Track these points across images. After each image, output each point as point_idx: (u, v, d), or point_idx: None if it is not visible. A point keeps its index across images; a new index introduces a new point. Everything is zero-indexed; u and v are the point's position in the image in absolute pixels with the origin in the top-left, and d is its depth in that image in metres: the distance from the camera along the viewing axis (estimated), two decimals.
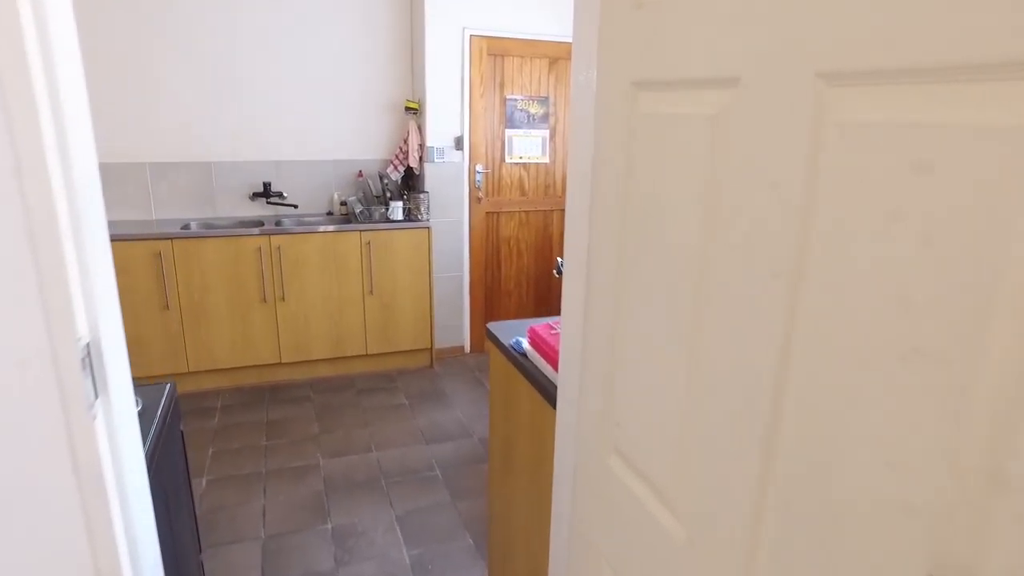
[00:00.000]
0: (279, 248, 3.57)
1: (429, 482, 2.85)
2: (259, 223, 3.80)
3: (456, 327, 4.25)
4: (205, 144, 3.86)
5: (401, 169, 4.03)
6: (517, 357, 1.66)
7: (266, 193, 3.94)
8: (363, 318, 3.84)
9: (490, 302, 4.32)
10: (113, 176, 3.75)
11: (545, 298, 4.45)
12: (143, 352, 3.50)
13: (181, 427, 1.80)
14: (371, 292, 3.80)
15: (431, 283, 3.91)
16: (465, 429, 3.32)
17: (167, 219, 3.86)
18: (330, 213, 4.11)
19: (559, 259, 1.84)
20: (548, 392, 1.43)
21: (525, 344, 1.64)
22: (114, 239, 3.32)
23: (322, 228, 3.63)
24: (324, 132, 4.06)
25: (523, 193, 4.21)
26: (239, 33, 3.78)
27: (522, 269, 4.33)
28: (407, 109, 3.97)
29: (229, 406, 3.54)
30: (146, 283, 3.41)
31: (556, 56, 4.06)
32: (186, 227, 3.68)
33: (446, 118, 3.92)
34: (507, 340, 1.76)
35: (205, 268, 3.48)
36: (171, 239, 3.40)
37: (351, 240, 3.69)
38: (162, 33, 3.65)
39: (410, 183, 4.05)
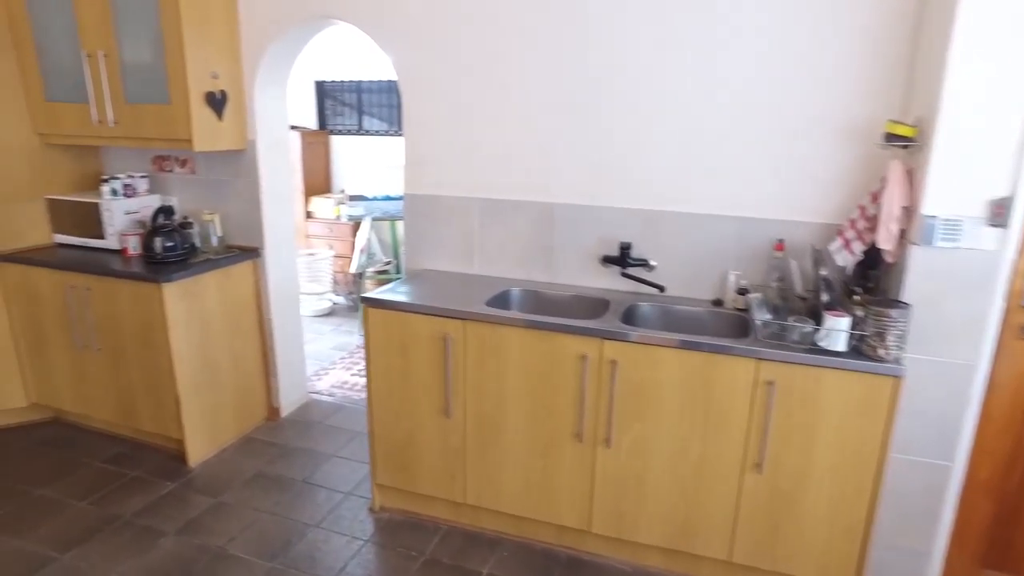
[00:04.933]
0: (614, 363, 2.15)
1: None
2: (603, 304, 2.45)
3: (915, 555, 2.22)
4: (548, 178, 2.67)
5: (858, 249, 2.18)
6: None
7: (622, 260, 2.57)
8: (735, 503, 2.17)
9: (1002, 526, 2.16)
10: (436, 212, 2.85)
11: None
12: (414, 464, 2.49)
13: None
14: (758, 465, 2.10)
15: (880, 470, 2.01)
16: None
17: (490, 276, 2.80)
18: (718, 303, 2.51)
19: None
20: None
21: None
22: (391, 307, 2.35)
23: (679, 343, 2.07)
24: (721, 171, 2.46)
25: None
26: (610, 18, 2.46)
27: None
28: (889, 137, 2.10)
29: None
30: (427, 375, 2.37)
31: None
32: (501, 297, 2.55)
33: (979, 158, 1.93)
34: None
35: (504, 369, 2.28)
36: (463, 319, 2.29)
37: (738, 370, 2.05)
38: (506, 21, 2.57)
39: (870, 276, 2.19)
